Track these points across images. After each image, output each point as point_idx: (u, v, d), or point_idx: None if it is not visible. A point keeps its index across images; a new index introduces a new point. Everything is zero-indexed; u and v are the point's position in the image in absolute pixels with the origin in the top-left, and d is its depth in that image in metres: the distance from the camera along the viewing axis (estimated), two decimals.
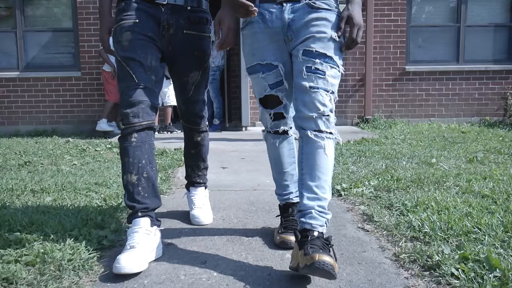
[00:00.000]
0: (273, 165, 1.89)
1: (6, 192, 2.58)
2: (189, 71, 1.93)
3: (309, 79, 1.57)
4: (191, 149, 2.16)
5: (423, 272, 1.50)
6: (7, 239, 1.68)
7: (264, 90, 1.73)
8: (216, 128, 6.55)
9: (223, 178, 3.19)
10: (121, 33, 1.77)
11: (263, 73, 1.70)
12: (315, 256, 1.31)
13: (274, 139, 1.83)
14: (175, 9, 1.83)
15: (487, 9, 7.06)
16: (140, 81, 1.72)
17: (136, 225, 1.64)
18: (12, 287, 1.33)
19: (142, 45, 1.76)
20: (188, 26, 1.86)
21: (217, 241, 1.85)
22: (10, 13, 6.92)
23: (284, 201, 1.89)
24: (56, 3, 7.00)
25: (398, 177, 2.87)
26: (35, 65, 7.00)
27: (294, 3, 1.62)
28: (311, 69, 1.57)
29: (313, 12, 1.60)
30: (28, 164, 3.80)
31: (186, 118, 2.07)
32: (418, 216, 1.99)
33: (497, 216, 1.95)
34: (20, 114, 6.99)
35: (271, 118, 1.79)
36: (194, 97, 2.02)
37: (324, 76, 1.56)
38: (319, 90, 1.56)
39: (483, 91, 7.14)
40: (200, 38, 1.92)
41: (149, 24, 1.79)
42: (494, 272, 1.38)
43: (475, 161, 3.66)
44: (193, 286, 1.43)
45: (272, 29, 1.65)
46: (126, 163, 1.71)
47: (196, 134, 2.11)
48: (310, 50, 1.58)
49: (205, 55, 1.96)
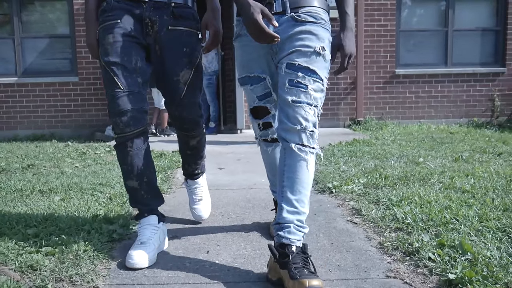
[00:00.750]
0: (267, 167, 1.98)
1: (15, 193, 2.72)
2: (179, 70, 1.80)
3: (291, 93, 1.57)
4: (187, 151, 2.07)
5: (404, 257, 1.67)
6: (26, 233, 1.83)
7: (253, 101, 1.79)
8: (212, 131, 6.71)
9: (220, 178, 3.35)
10: (104, 35, 1.73)
11: (251, 85, 1.74)
12: (305, 282, 1.34)
13: (267, 147, 1.90)
14: (157, 6, 1.76)
15: (474, 14, 7.28)
16: (125, 87, 1.69)
17: (145, 222, 1.78)
18: (37, 273, 1.49)
19: (126, 47, 1.71)
20: (173, 22, 1.78)
21: (218, 234, 2.01)
22: (8, 20, 7.05)
23: None
24: (53, 10, 7.14)
25: (386, 175, 3.05)
26: (33, 71, 7.13)
27: (279, 16, 1.62)
28: (294, 82, 1.57)
29: (297, 26, 1.60)
30: (31, 167, 3.94)
31: (180, 125, 1.93)
32: (402, 210, 2.17)
33: (474, 209, 2.13)
34: (19, 119, 7.11)
35: (259, 128, 1.85)
36: (187, 99, 1.85)
37: (307, 90, 1.57)
38: (301, 104, 1.56)
39: (471, 93, 7.35)
40: (188, 34, 1.82)
41: (131, 22, 1.73)
42: (466, 256, 1.55)
43: (460, 160, 3.84)
44: (197, 272, 1.59)
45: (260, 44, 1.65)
46: (125, 170, 1.77)
47: (192, 140, 2.00)
48: (293, 64, 1.58)
49: (195, 51, 1.84)
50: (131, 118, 1.69)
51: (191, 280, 1.52)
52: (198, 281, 1.51)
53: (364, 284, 1.48)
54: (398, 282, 1.48)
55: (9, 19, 7.04)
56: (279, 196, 1.59)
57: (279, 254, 1.47)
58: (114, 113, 1.69)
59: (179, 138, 2.02)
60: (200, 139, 2.02)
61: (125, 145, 1.73)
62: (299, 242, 1.51)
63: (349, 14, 1.69)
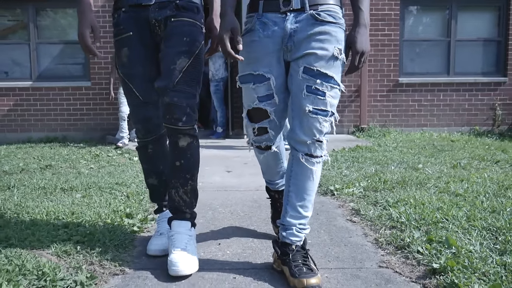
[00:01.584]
0: (262, 168, 1.97)
1: (39, 190, 2.93)
2: (177, 58, 1.72)
3: (308, 100, 1.56)
4: (175, 160, 1.77)
5: (396, 251, 1.85)
6: (56, 225, 2.04)
7: (252, 102, 1.68)
8: (220, 136, 6.91)
9: (228, 180, 3.54)
10: (119, 48, 1.79)
11: (254, 84, 1.65)
12: (304, 281, 1.49)
13: (260, 154, 1.83)
14: (162, 6, 1.77)
15: (476, 24, 7.45)
16: (144, 97, 1.79)
17: (163, 216, 1.97)
18: (71, 257, 1.69)
19: (141, 58, 1.77)
20: (176, 14, 1.76)
21: (228, 229, 2.20)
22: (24, 26, 7.32)
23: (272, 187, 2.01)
24: (67, 17, 7.40)
25: (385, 179, 3.23)
26: (47, 76, 7.38)
27: (298, 13, 1.59)
28: (312, 89, 1.55)
29: (317, 25, 1.57)
30: (49, 168, 4.15)
31: (169, 114, 1.72)
32: (397, 210, 2.35)
33: (463, 210, 2.31)
34: (32, 122, 7.35)
35: (254, 133, 1.75)
36: (180, 87, 1.72)
37: (324, 97, 1.56)
38: (317, 116, 1.56)
39: (473, 102, 7.51)
40: (190, 24, 1.77)
41: (141, 31, 1.77)
42: (451, 249, 1.73)
43: (458, 166, 4.01)
44: (211, 260, 1.78)
45: (272, 39, 1.61)
46: (146, 169, 1.94)
47: (181, 137, 1.74)
48: (311, 69, 1.55)
49: (195, 41, 1.77)
50: (151, 125, 1.84)
51: (206, 266, 1.71)
52: (212, 267, 1.70)
53: (359, 272, 1.66)
54: (389, 271, 1.67)
55: (25, 26, 7.31)
56: (284, 198, 1.68)
57: (281, 251, 1.61)
58: (136, 121, 1.84)
59: (169, 143, 1.80)
60: (192, 143, 1.77)
61: (146, 148, 1.90)
62: (300, 242, 1.63)
63: (363, 10, 1.60)
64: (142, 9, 1.76)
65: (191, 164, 1.78)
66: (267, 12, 1.62)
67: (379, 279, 1.60)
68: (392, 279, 1.60)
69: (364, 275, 1.63)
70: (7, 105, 7.30)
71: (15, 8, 7.28)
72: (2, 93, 7.25)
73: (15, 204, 2.48)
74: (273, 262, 1.71)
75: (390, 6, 7.26)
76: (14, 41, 7.35)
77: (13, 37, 7.37)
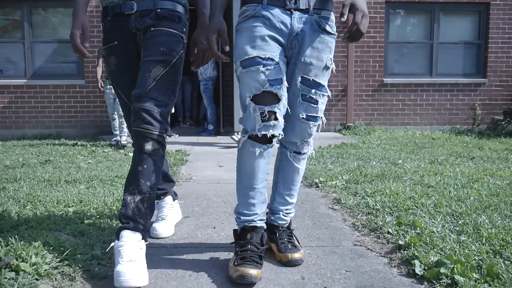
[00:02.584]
0: (242, 179, 1.68)
1: (45, 182, 3.15)
2: (152, 66, 1.72)
3: (302, 107, 1.68)
4: (137, 165, 1.68)
5: (370, 233, 2.11)
6: (68, 211, 2.27)
7: (263, 85, 1.57)
8: (210, 133, 7.15)
9: (221, 174, 3.78)
10: (107, 56, 1.88)
11: (264, 67, 1.57)
12: (288, 256, 1.70)
13: (254, 147, 1.62)
14: (143, 14, 1.80)
15: (457, 27, 7.78)
16: None
17: (163, 201, 2.21)
18: (85, 237, 1.92)
19: (126, 66, 1.84)
20: (155, 23, 1.78)
21: (222, 215, 2.45)
22: (19, 25, 7.46)
23: (245, 224, 1.68)
24: (60, 16, 7.56)
25: (366, 173, 3.50)
26: (42, 74, 7.53)
27: (303, 13, 1.63)
28: (306, 97, 1.67)
29: (318, 33, 1.64)
30: (49, 162, 4.35)
31: (139, 118, 1.67)
32: (374, 199, 2.61)
33: (432, 199, 2.58)
34: (27, 119, 7.50)
35: (262, 117, 1.58)
36: (152, 94, 1.69)
37: (317, 105, 1.69)
38: (309, 122, 1.70)
39: (454, 102, 7.84)
40: (168, 34, 1.78)
41: (125, 40, 1.83)
42: (416, 230, 2.00)
43: (435, 162, 4.30)
44: (207, 240, 2.02)
45: (279, 31, 1.62)
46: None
47: (148, 141, 1.68)
48: (307, 79, 1.65)
49: (172, 51, 1.75)
50: None
51: (203, 245, 1.95)
52: (208, 246, 1.95)
53: (336, 249, 1.92)
54: (362, 248, 1.92)
55: (20, 24, 7.45)
56: (273, 185, 1.85)
57: (269, 230, 1.82)
58: (128, 125, 1.92)
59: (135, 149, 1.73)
60: (157, 149, 1.71)
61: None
62: (286, 224, 1.84)
63: None
64: (124, 18, 1.81)
65: (153, 172, 1.69)
66: (272, 6, 1.61)
67: (353, 254, 1.85)
68: (364, 254, 1.85)
69: (340, 252, 1.89)
70: (1, 103, 7.44)
71: (9, 7, 7.42)
72: None
73: (26, 194, 2.70)
74: None
75: (376, 10, 7.55)
76: (9, 39, 7.49)
77: (8, 35, 7.52)
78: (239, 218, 1.71)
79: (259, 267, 1.58)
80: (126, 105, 1.91)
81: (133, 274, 1.47)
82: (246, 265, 1.54)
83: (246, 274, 1.51)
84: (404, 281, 1.59)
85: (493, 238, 1.87)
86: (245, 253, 1.59)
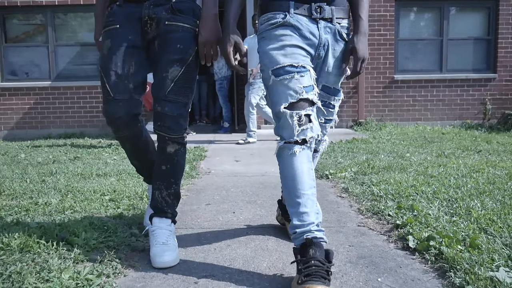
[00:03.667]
0: (288, 187, 1.57)
1: (78, 175, 3.46)
2: (169, 66, 1.74)
3: (321, 112, 1.78)
4: (161, 165, 1.83)
5: (372, 216, 2.36)
6: (104, 199, 2.57)
7: (299, 93, 1.57)
8: (226, 130, 7.43)
9: (237, 168, 4.06)
10: (103, 41, 1.78)
11: (298, 74, 1.58)
12: None
13: (292, 149, 1.56)
14: (157, 3, 1.76)
15: (467, 24, 7.91)
16: (115, 93, 1.71)
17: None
18: (122, 220, 2.20)
19: (120, 53, 1.72)
20: (170, 17, 1.75)
21: (240, 202, 2.72)
22: (43, 30, 7.84)
23: (302, 236, 1.51)
24: (82, 21, 7.92)
25: (373, 165, 3.73)
26: (65, 75, 7.91)
27: (328, 22, 1.66)
28: (325, 103, 1.77)
29: (340, 42, 1.71)
30: (77, 159, 4.68)
31: (161, 122, 1.77)
32: (378, 188, 2.86)
33: (432, 187, 2.82)
34: (52, 119, 7.88)
35: (299, 123, 1.56)
36: (172, 96, 1.75)
37: (334, 109, 1.80)
38: (326, 124, 1.81)
39: (464, 97, 7.98)
40: (184, 30, 1.76)
41: (130, 26, 1.76)
42: (413, 212, 2.24)
43: (442, 155, 4.50)
44: (228, 223, 2.30)
45: (308, 41, 1.64)
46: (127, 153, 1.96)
47: (170, 144, 1.80)
48: (329, 87, 1.75)
49: (188, 49, 1.77)
50: (121, 123, 1.75)
51: (225, 227, 2.23)
52: (229, 227, 2.22)
53: (342, 229, 2.17)
54: (365, 228, 2.18)
55: (44, 30, 7.83)
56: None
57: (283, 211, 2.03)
58: (106, 117, 1.77)
59: (157, 147, 1.85)
60: (179, 150, 1.83)
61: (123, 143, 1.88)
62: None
63: (363, 19, 1.68)
64: (136, 4, 1.76)
65: (177, 169, 1.84)
66: (298, 14, 1.63)
67: (356, 233, 2.11)
68: (366, 233, 2.11)
69: (345, 231, 2.14)
70: (28, 104, 7.83)
71: (34, 14, 7.81)
72: (23, 93, 7.79)
73: (65, 185, 3.01)
74: (276, 216, 2.20)
75: (386, 8, 7.73)
76: (34, 44, 7.88)
77: (33, 40, 7.91)
78: (295, 233, 1.53)
79: (328, 284, 1.40)
80: (107, 95, 1.74)
81: (166, 255, 1.70)
82: (312, 282, 1.38)
83: None
84: (399, 253, 1.84)
85: (481, 218, 2.11)
86: (310, 270, 1.41)
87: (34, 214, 2.29)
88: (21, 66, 7.89)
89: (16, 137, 7.71)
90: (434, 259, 1.70)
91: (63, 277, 1.47)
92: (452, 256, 1.63)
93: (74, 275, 1.50)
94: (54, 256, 1.63)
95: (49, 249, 1.68)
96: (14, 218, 2.15)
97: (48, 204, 2.46)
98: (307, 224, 1.51)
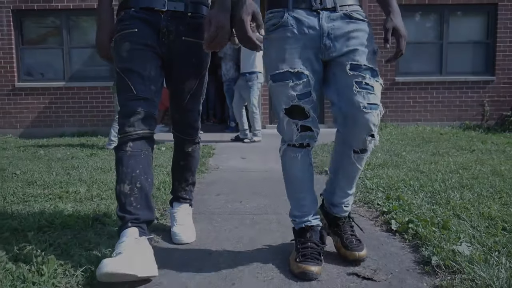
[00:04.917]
0: (289, 184, 1.78)
1: (98, 169, 3.79)
2: (185, 79, 1.88)
3: (360, 96, 1.55)
4: (180, 161, 2.11)
5: (363, 205, 2.66)
6: None
7: (291, 100, 1.61)
8: (233, 129, 7.75)
9: (243, 164, 4.37)
10: (120, 43, 1.76)
11: (293, 82, 1.59)
12: (355, 254, 1.70)
13: (295, 153, 1.69)
14: (175, 16, 1.81)
15: (466, 28, 8.15)
16: (139, 92, 1.71)
17: (124, 235, 1.60)
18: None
19: (141, 55, 1.75)
20: (187, 33, 1.83)
21: (246, 194, 3.03)
22: (58, 33, 8.20)
23: (301, 224, 1.74)
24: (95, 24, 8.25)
25: (370, 162, 4.03)
26: (78, 76, 8.25)
27: (331, 12, 1.61)
28: (362, 84, 1.56)
29: (352, 23, 1.60)
30: (94, 155, 5.01)
31: (179, 128, 2.02)
32: (371, 181, 3.16)
33: (420, 181, 3.11)
34: (65, 118, 8.23)
35: (297, 130, 1.65)
36: (189, 106, 1.96)
37: (374, 92, 1.56)
38: (372, 111, 1.55)
39: (463, 99, 8.23)
40: (199, 45, 1.85)
41: (147, 32, 1.78)
42: (399, 202, 2.54)
43: (437, 154, 4.78)
44: (236, 210, 2.61)
45: (308, 36, 1.60)
46: (119, 172, 1.68)
47: (187, 144, 2.06)
48: (358, 65, 1.57)
49: (203, 62, 1.91)
50: (137, 119, 1.69)
51: (234, 213, 2.54)
52: (238, 213, 2.53)
53: None
54: (356, 215, 2.48)
55: (59, 32, 8.19)
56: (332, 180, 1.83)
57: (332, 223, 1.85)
58: (122, 115, 1.71)
59: (175, 144, 2.08)
60: (195, 148, 2.10)
61: (125, 145, 1.69)
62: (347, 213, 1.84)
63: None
64: (153, 13, 1.79)
65: (193, 163, 2.14)
66: (298, 9, 1.61)
67: None
68: (357, 219, 2.41)
69: None
70: (43, 103, 8.19)
71: (50, 17, 8.17)
72: (38, 92, 8.15)
73: (89, 178, 3.34)
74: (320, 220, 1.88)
75: None
76: (49, 46, 8.23)
77: (48, 42, 8.26)
78: (294, 221, 1.77)
79: (320, 264, 1.65)
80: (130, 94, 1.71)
81: (184, 234, 2.03)
82: (307, 262, 1.61)
83: (308, 271, 1.59)
84: (383, 234, 2.14)
85: (457, 206, 2.41)
86: (306, 250, 1.66)
87: (67, 200, 2.62)
88: (36, 67, 8.24)
89: (32, 135, 8.06)
90: (411, 238, 2.00)
91: (101, 247, 1.79)
92: (425, 235, 1.93)
93: (110, 247, 1.82)
94: (91, 232, 1.95)
95: (86, 227, 2.00)
96: (51, 204, 2.48)
97: (77, 192, 2.79)
98: (306, 215, 1.75)
